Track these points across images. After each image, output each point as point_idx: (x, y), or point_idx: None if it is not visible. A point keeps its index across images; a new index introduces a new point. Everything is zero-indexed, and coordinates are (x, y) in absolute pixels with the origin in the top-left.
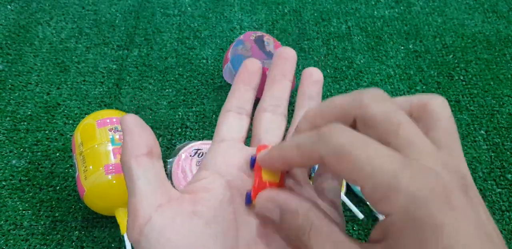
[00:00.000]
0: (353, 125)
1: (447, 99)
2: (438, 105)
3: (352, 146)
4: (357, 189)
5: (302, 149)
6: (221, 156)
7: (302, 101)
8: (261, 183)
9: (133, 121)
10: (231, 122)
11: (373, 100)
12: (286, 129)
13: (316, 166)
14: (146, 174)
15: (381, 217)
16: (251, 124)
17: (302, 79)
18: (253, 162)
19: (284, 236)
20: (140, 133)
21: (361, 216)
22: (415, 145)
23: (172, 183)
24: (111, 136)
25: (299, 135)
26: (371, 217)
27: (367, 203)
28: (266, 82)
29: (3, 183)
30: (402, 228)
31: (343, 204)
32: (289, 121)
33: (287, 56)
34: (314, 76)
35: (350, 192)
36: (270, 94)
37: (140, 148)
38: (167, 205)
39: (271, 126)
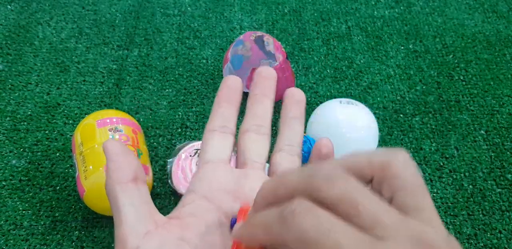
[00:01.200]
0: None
1: (447, 99)
2: (400, 164)
3: (317, 233)
4: None
5: (268, 232)
6: (208, 179)
7: (285, 121)
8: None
9: (115, 147)
10: (216, 142)
11: (324, 181)
12: (271, 149)
13: None
14: (132, 201)
15: None
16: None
17: (284, 100)
18: (232, 224)
19: None
20: (123, 159)
21: None
22: (380, 224)
23: (172, 183)
24: (111, 136)
25: (263, 213)
26: None
27: None
28: (247, 102)
29: (3, 183)
30: None
31: None
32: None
33: (267, 75)
34: (296, 96)
35: None
36: (252, 114)
37: (125, 175)
38: (154, 232)
39: (255, 146)
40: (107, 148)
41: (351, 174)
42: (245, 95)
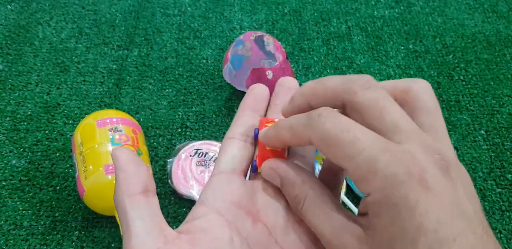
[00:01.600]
0: (343, 108)
1: (447, 99)
2: (421, 88)
3: (337, 131)
4: (357, 189)
5: (294, 131)
6: (220, 191)
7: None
8: (264, 152)
9: (126, 156)
10: (234, 151)
11: (361, 87)
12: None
13: (316, 169)
14: (141, 215)
15: (363, 196)
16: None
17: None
18: (256, 135)
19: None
20: (134, 170)
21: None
22: (398, 128)
23: (172, 183)
24: (111, 136)
25: (292, 117)
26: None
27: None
28: (267, 111)
29: (3, 183)
30: (380, 208)
31: (343, 204)
32: None
33: (290, 86)
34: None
35: (350, 192)
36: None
37: (134, 187)
38: (164, 248)
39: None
40: (116, 156)
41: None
42: (243, 94)
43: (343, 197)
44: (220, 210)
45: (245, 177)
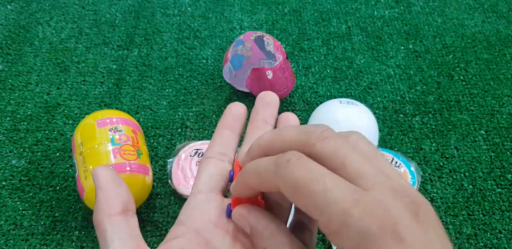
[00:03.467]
0: None
1: (447, 99)
2: (353, 141)
3: (307, 180)
4: None
5: (261, 178)
6: (199, 211)
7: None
8: (237, 198)
9: (106, 175)
10: (212, 170)
11: (319, 138)
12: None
13: None
14: (120, 235)
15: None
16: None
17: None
18: (231, 177)
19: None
20: (115, 190)
21: None
22: (363, 175)
23: (172, 183)
24: (111, 136)
25: (259, 160)
26: None
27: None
28: (247, 127)
29: (3, 183)
30: None
31: None
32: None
33: (270, 100)
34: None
35: None
36: (251, 140)
37: (114, 207)
38: None
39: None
40: (97, 175)
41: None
42: (245, 94)
43: None
44: (198, 229)
45: (225, 196)
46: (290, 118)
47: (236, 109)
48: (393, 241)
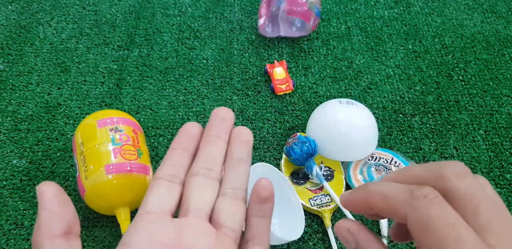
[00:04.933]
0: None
1: (446, 99)
2: (478, 184)
3: (442, 224)
4: None
5: (389, 201)
6: (145, 232)
7: (231, 162)
8: None
9: (52, 194)
10: (162, 191)
11: (455, 175)
12: None
13: (315, 171)
14: None
15: (385, 241)
16: None
17: (231, 139)
18: None
19: None
20: (59, 210)
21: None
22: (491, 229)
23: None
24: (111, 136)
25: (390, 184)
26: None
27: None
28: (201, 142)
29: (4, 183)
30: None
31: (339, 209)
32: None
33: (225, 116)
34: (243, 136)
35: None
36: (204, 156)
37: (56, 228)
38: None
39: (201, 192)
40: (41, 194)
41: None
42: (245, 95)
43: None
44: None
45: (174, 216)
46: (243, 134)
47: (192, 129)
48: None
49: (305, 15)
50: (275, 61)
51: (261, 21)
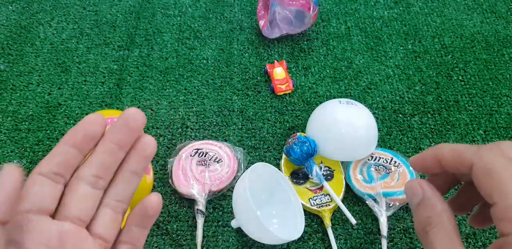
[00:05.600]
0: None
1: (445, 99)
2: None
3: (501, 166)
4: (356, 188)
5: (458, 153)
6: (31, 232)
7: (124, 173)
8: None
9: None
10: (44, 190)
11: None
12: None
13: (315, 171)
14: None
15: (381, 219)
16: None
17: (133, 150)
18: None
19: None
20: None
21: (354, 221)
22: None
23: (172, 183)
24: None
25: (455, 144)
26: (370, 217)
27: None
28: (97, 146)
29: None
30: None
31: (339, 209)
32: None
33: (134, 124)
34: (147, 151)
35: (348, 193)
36: (97, 160)
37: None
38: None
39: (84, 202)
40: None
41: None
42: (245, 94)
43: (338, 202)
44: None
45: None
46: (147, 147)
47: (94, 129)
48: None
49: (303, 4)
50: (275, 61)
51: (261, 23)
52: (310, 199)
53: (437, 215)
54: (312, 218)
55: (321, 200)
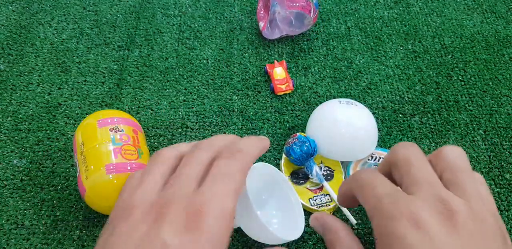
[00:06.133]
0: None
1: (445, 99)
2: (449, 150)
3: (368, 181)
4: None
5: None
6: None
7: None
8: None
9: None
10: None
11: (401, 147)
12: None
13: (315, 171)
14: None
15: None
16: None
17: None
18: None
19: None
20: None
21: (354, 221)
22: (417, 182)
23: None
24: (112, 136)
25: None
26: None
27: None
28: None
29: (5, 182)
30: (380, 236)
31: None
32: None
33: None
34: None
35: None
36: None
37: None
38: None
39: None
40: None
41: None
42: (245, 95)
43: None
44: None
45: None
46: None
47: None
48: (410, 224)
49: (304, 7)
50: (275, 61)
51: (261, 24)
52: (310, 199)
53: (337, 235)
54: None
55: (321, 200)
